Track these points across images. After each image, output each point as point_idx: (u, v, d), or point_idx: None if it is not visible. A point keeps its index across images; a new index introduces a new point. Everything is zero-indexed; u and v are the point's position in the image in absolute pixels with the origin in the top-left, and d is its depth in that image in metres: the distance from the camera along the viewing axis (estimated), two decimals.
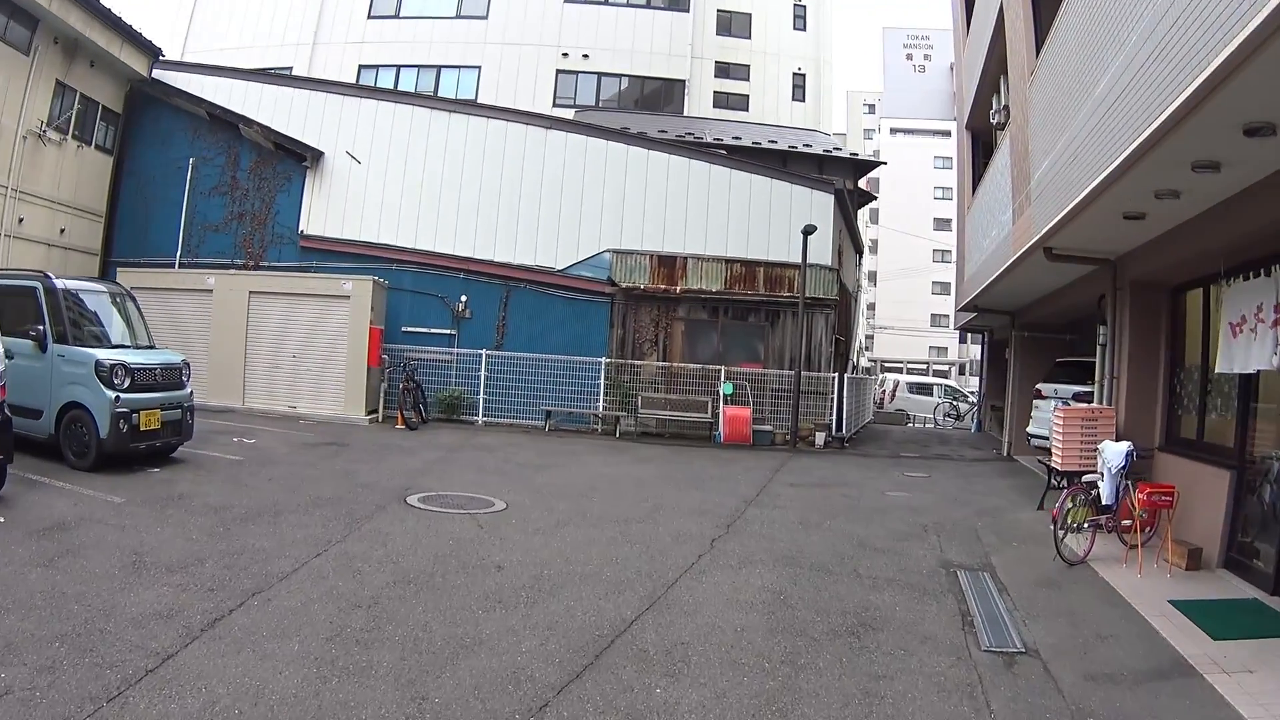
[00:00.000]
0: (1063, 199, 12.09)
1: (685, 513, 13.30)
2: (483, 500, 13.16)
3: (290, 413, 22.04)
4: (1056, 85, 13.05)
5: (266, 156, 25.64)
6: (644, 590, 8.99)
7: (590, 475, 16.46)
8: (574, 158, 25.55)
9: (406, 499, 12.82)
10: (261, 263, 25.02)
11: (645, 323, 24.70)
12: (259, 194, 25.57)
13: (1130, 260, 14.23)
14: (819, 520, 13.43)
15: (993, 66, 20.51)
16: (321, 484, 13.61)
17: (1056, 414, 14.29)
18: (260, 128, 25.23)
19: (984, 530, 13.49)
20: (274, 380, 22.78)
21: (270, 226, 25.41)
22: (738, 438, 22.90)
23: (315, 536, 10.29)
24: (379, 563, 9.39)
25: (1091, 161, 10.57)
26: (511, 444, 20.17)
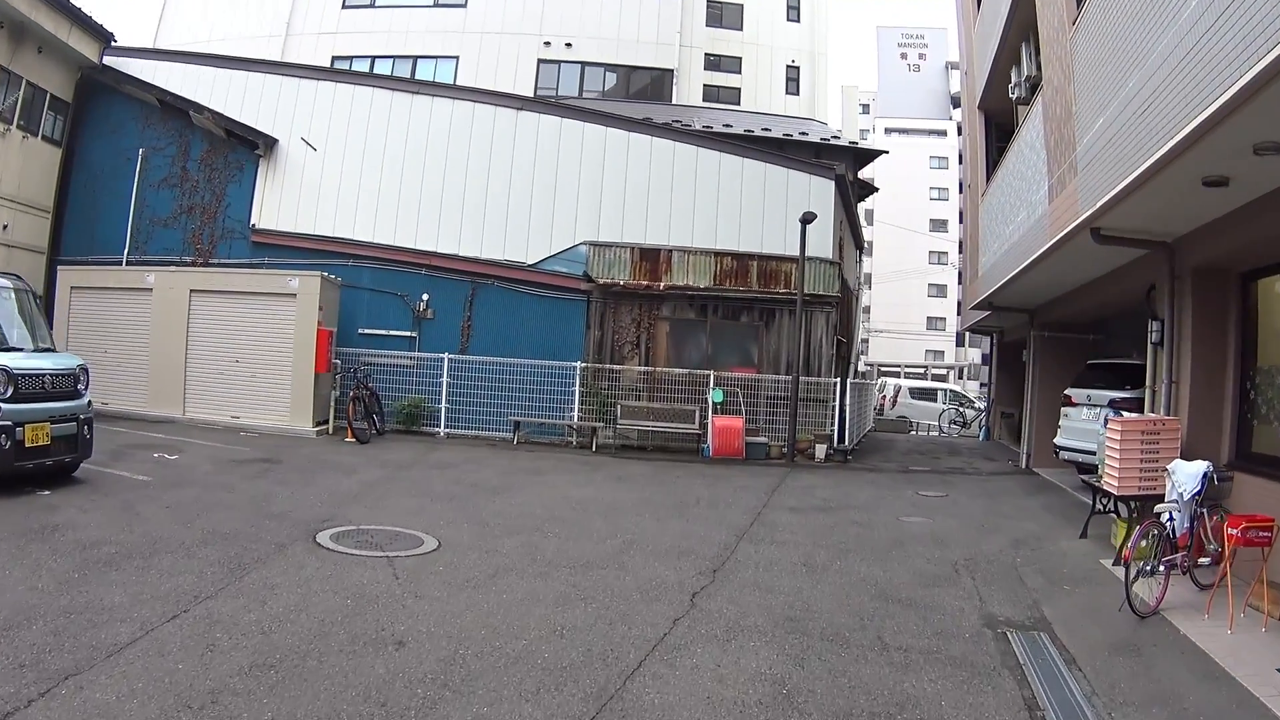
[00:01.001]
0: (1125, 164, 10.07)
1: (662, 552, 10.94)
2: (410, 538, 10.86)
3: (233, 424, 20.02)
4: (1114, 24, 10.86)
5: (218, 145, 23.69)
6: (591, 684, 6.58)
7: (553, 500, 14.14)
8: (547, 142, 23.52)
9: (318, 536, 10.57)
10: (211, 259, 23.06)
11: (625, 323, 22.58)
12: (209, 186, 23.65)
13: (1192, 242, 12.25)
14: (827, 559, 11.09)
15: (1012, 35, 18.62)
16: (226, 513, 11.48)
17: (1112, 428, 11.96)
18: (211, 114, 23.32)
19: (1026, 568, 11.27)
20: (216, 388, 20.69)
21: (220, 220, 23.46)
22: (729, 451, 20.68)
23: (183, 589, 8.17)
24: (245, 632, 7.19)
25: (1177, 106, 8.48)
26: (471, 460, 18.00)
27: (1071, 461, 18.21)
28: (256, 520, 11.16)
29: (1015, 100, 19.03)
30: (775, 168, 23.39)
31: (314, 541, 10.28)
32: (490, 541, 10.96)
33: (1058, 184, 13.71)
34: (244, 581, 8.57)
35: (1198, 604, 9.31)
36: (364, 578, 8.96)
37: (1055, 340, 22.30)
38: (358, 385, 20.41)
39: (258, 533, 10.49)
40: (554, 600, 8.63)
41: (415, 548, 10.36)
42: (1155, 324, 13.54)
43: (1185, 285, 12.65)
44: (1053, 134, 14.23)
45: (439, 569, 9.52)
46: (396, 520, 11.76)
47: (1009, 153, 18.71)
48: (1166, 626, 8.71)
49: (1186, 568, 9.71)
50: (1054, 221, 13.86)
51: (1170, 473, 10.22)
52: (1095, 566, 11.37)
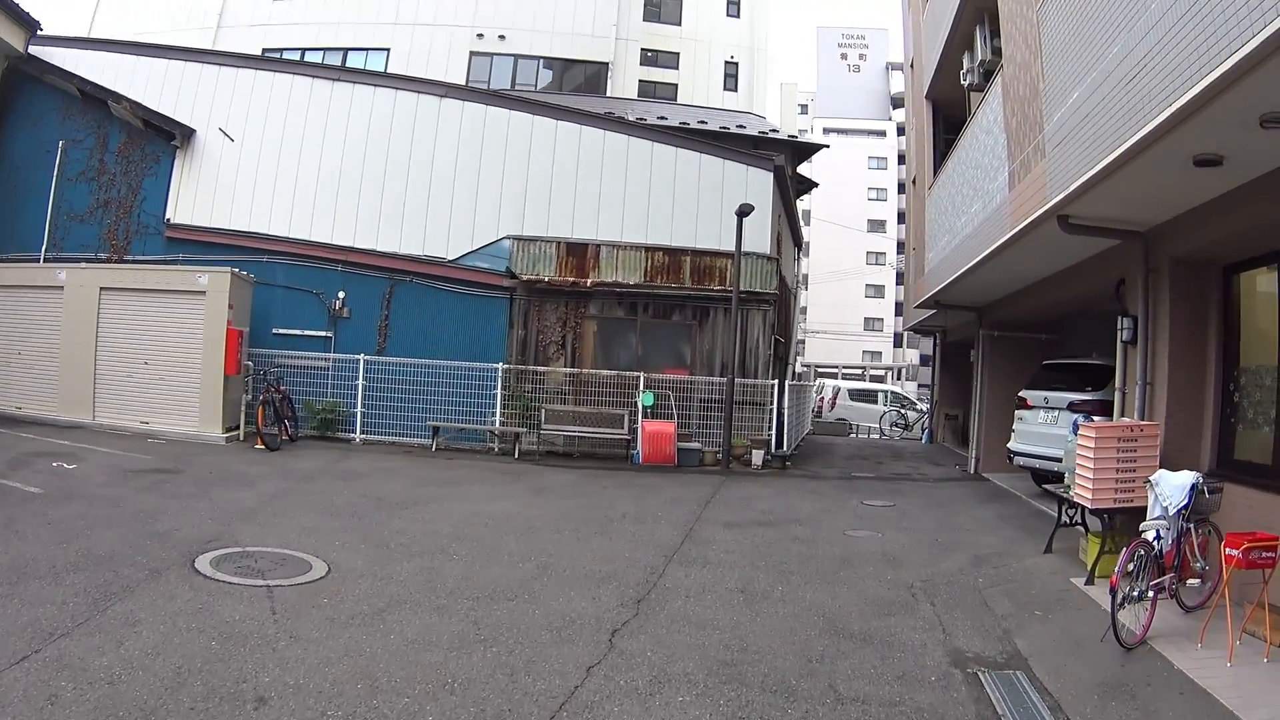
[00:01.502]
0: (1105, 141, 9.03)
1: (580, 578, 9.61)
2: (298, 562, 9.49)
3: (142, 430, 18.50)
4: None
5: (135, 136, 22.17)
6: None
7: (465, 516, 12.74)
8: (472, 131, 22.19)
9: (197, 560, 9.20)
10: (126, 256, 21.57)
11: (551, 322, 21.29)
12: (126, 179, 22.11)
13: (1171, 231, 11.20)
14: (767, 584, 9.79)
15: (966, 18, 17.63)
16: (108, 531, 10.21)
17: (1084, 434, 10.74)
18: (129, 104, 21.76)
19: (990, 590, 10.11)
20: (126, 391, 19.23)
21: (136, 215, 21.93)
22: (660, 458, 19.42)
23: (42, 622, 7.12)
24: (92, 681, 6.09)
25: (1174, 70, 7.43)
26: (383, 469, 16.60)
27: (1027, 468, 17.24)
28: (138, 540, 9.89)
29: (967, 87, 18.14)
30: (710, 158, 22.26)
31: (192, 567, 8.99)
32: (387, 566, 9.62)
33: (1020, 169, 12.59)
34: (106, 615, 7.41)
35: (1188, 631, 8.31)
36: (237, 612, 7.69)
37: (1006, 340, 21.30)
38: (268, 388, 19.07)
39: (134, 555, 9.25)
40: (450, 642, 7.30)
41: (301, 574, 9.05)
42: (1127, 321, 12.42)
43: (1162, 278, 11.58)
44: (1014, 115, 13.13)
45: (323, 601, 8.21)
46: (288, 541, 10.44)
47: (961, 141, 17.68)
48: (1158, 660, 7.64)
49: (1173, 590, 8.70)
50: (1016, 210, 12.75)
51: (1153, 484, 9.16)
52: (1066, 587, 10.26)
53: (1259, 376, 10.17)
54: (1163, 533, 8.63)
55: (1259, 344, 10.33)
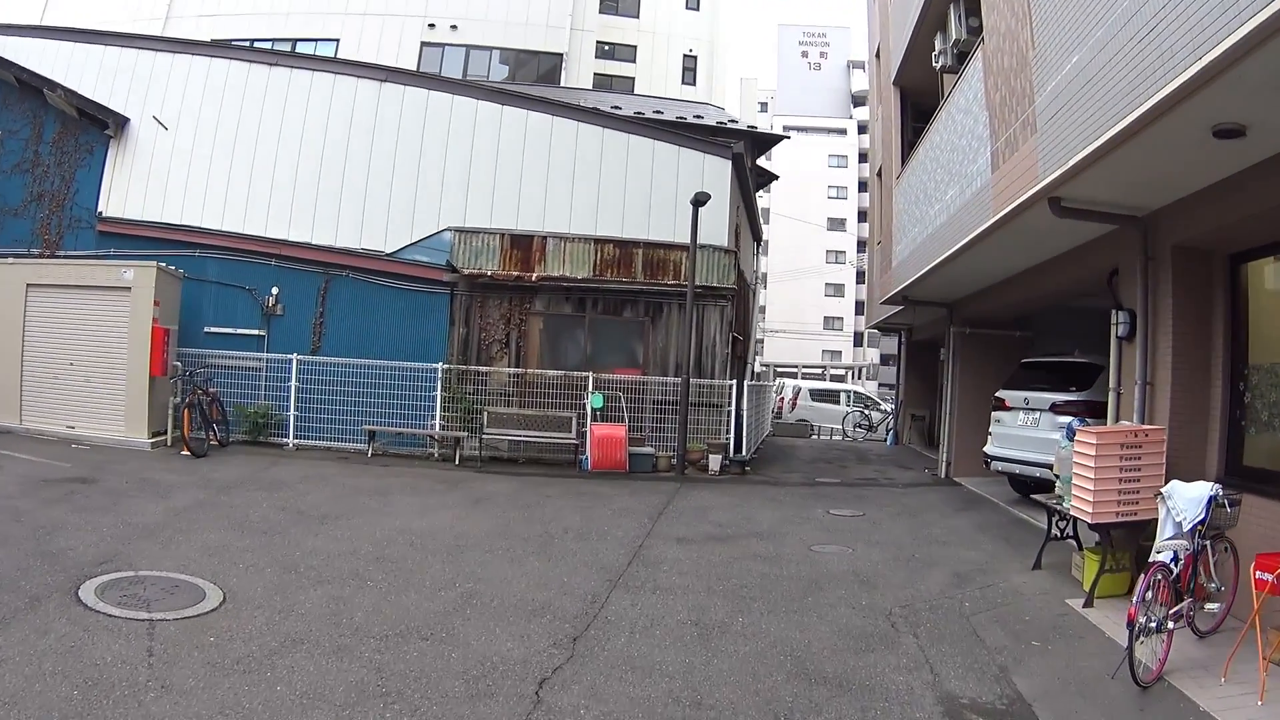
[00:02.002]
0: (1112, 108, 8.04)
1: (509, 610, 8.33)
2: (191, 590, 8.25)
3: (68, 435, 17.34)
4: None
5: (70, 126, 20.93)
6: None
7: (390, 532, 11.43)
8: (413, 117, 21.05)
9: (82, 587, 8.00)
10: (58, 252, 20.34)
11: (494, 319, 20.10)
12: (59, 170, 20.88)
13: (1173, 216, 10.26)
14: (726, 614, 8.54)
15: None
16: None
17: (1083, 440, 9.59)
18: (64, 92, 20.54)
19: (979, 616, 8.95)
20: (52, 394, 18.05)
21: (68, 208, 20.71)
22: (610, 463, 18.23)
23: None
24: None
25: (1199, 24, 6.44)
26: (312, 478, 15.30)
27: (1005, 473, 16.24)
28: (26, 561, 8.80)
29: (940, 69, 17.20)
30: (665, 145, 21.17)
31: (75, 595, 7.84)
32: (290, 595, 8.35)
33: (1005, 147, 11.49)
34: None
35: (1206, 662, 7.40)
36: (110, 653, 6.53)
37: (978, 337, 20.29)
38: (195, 390, 17.78)
39: (19, 580, 8.16)
40: (344, 697, 6.05)
41: (191, 605, 7.80)
42: (1122, 314, 11.39)
43: (1163, 268, 10.55)
44: (999, 89, 12.01)
45: (209, 640, 6.98)
46: (188, 563, 9.20)
47: (934, 124, 16.62)
48: (1180, 700, 6.70)
49: (1191, 617, 7.77)
50: (1000, 193, 11.67)
51: (1165, 497, 8.05)
52: (1062, 610, 9.19)
53: (1273, 375, 9.24)
54: (1179, 553, 7.62)
55: (1271, 339, 9.43)
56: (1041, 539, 11.21)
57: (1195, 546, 7.70)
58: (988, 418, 16.76)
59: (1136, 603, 6.91)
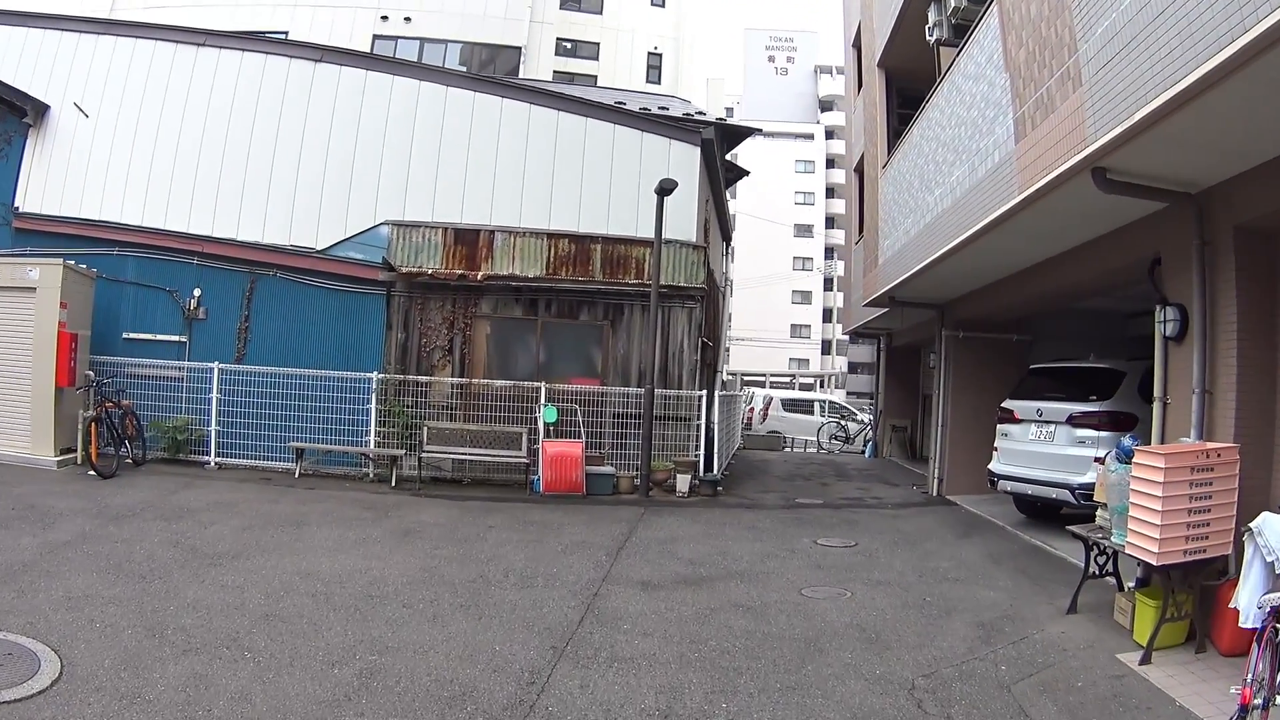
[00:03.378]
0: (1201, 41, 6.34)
1: (418, 698, 6.35)
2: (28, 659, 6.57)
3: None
4: None
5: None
6: None
7: (290, 577, 9.47)
8: (348, 100, 19.33)
9: None
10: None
11: (436, 322, 18.33)
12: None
13: (1233, 191, 8.75)
14: (704, 698, 6.61)
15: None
16: None
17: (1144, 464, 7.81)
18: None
19: (1020, 684, 7.22)
20: None
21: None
22: (565, 485, 16.41)
23: None
24: None
25: None
26: (223, 504, 13.42)
27: (1015, 494, 14.57)
28: None
29: (935, 42, 15.80)
30: (626, 130, 19.50)
31: None
32: (142, 671, 6.51)
33: (1036, 111, 9.67)
34: None
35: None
36: None
37: (973, 341, 18.68)
38: (103, 403, 16.15)
39: None
40: None
41: (17, 685, 6.16)
42: (1170, 310, 9.65)
43: (1224, 252, 8.90)
44: (1022, 45, 10.20)
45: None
46: (37, 619, 7.49)
47: (933, 101, 14.96)
48: None
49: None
50: (1027, 166, 9.88)
51: (1256, 533, 6.56)
52: (1116, 670, 7.53)
53: None
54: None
55: None
56: (1066, 571, 10.54)
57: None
58: (982, 429, 15.70)
59: (1250, 681, 5.48)
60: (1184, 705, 6.57)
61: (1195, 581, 7.82)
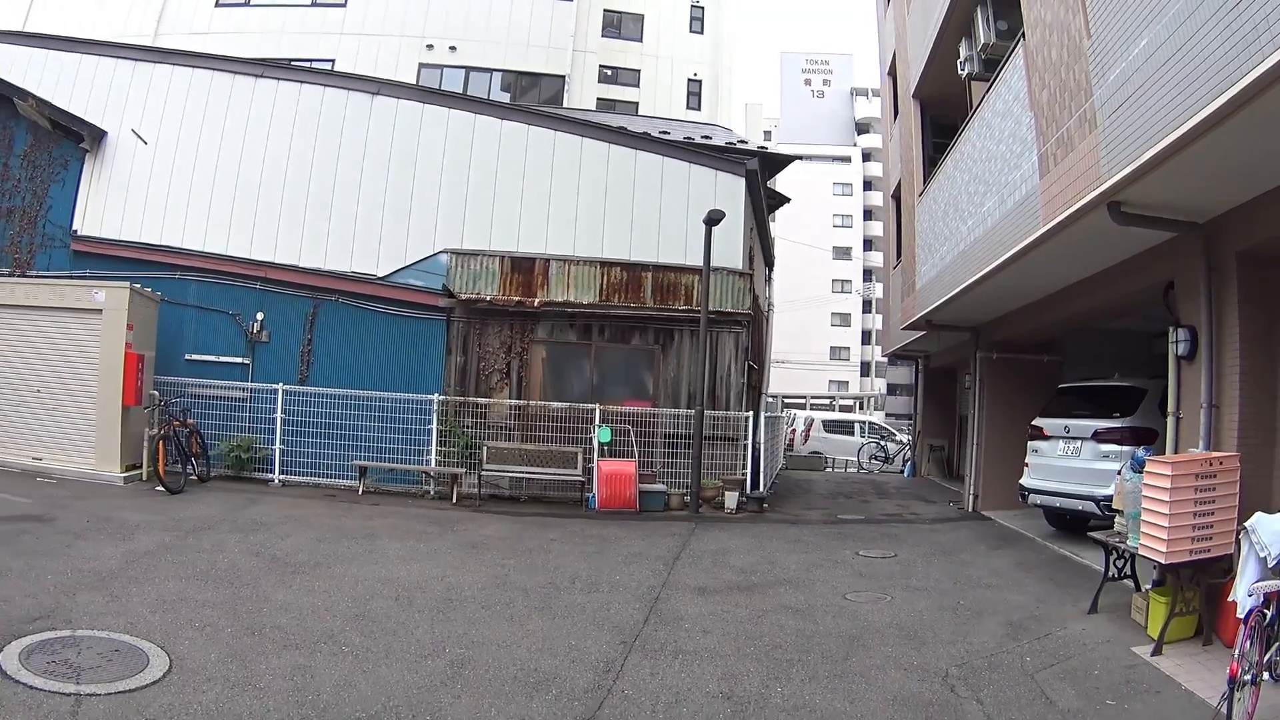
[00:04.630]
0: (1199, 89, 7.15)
1: (506, 684, 7.17)
2: (133, 655, 7.11)
3: (34, 467, 16.23)
4: None
5: (43, 138, 19.92)
6: None
7: (372, 584, 10.29)
8: (406, 131, 20.09)
9: (7, 649, 6.88)
10: (29, 271, 19.28)
11: (494, 346, 19.07)
12: (31, 185, 19.85)
13: (1237, 221, 9.53)
14: (762, 684, 7.42)
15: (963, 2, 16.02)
16: None
17: (1155, 472, 8.66)
18: (36, 101, 19.51)
19: (1043, 673, 8.03)
20: (17, 423, 16.98)
21: (41, 226, 19.67)
22: (619, 502, 17.16)
23: None
24: None
25: None
26: (293, 518, 14.16)
27: (1045, 507, 15.26)
28: None
29: (966, 77, 16.52)
30: (675, 162, 20.17)
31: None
32: (249, 664, 7.21)
33: (1058, 149, 10.48)
34: None
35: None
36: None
37: (1006, 362, 19.36)
38: (171, 421, 16.80)
39: None
40: None
41: (130, 675, 6.67)
42: (1182, 331, 10.49)
43: (1228, 278, 9.73)
44: (1045, 87, 11.04)
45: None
46: (135, 620, 8.05)
47: (965, 134, 15.66)
48: None
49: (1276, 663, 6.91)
50: (1051, 200, 10.69)
51: (1250, 531, 7.30)
52: (1131, 661, 8.33)
53: None
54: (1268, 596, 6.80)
55: None
56: (1089, 577, 10.92)
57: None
58: (1015, 447, 16.11)
59: (1238, 656, 6.35)
60: (1188, 688, 7.30)
61: (1202, 579, 8.54)
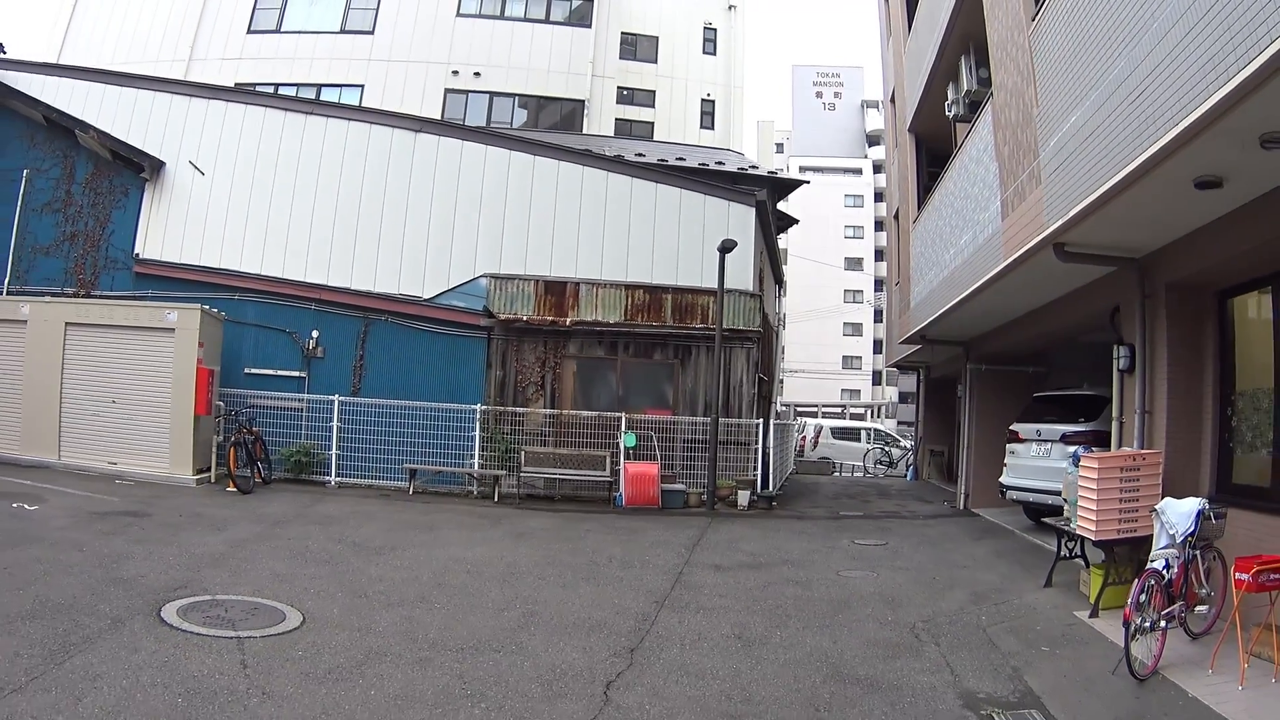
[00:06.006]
0: (1107, 163, 8.90)
1: (569, 627, 9.18)
2: (271, 611, 8.99)
3: (110, 470, 17.85)
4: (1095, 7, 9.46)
5: (104, 168, 21.58)
6: None
7: (444, 562, 12.25)
8: (447, 166, 21.85)
9: (164, 609, 8.68)
10: (93, 291, 20.94)
11: (529, 362, 20.87)
12: (93, 211, 21.50)
13: (1165, 257, 11.15)
14: (764, 630, 9.39)
15: (950, 49, 17.43)
16: (68, 578, 9.64)
17: (1086, 465, 10.52)
18: (97, 134, 21.18)
19: (994, 628, 9.85)
20: (93, 431, 18.60)
21: (104, 249, 21.33)
22: (643, 500, 18.96)
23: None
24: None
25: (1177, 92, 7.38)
26: (359, 513, 16.04)
27: (1020, 502, 17.02)
28: (100, 587, 9.37)
29: (953, 118, 17.99)
30: (691, 194, 21.96)
31: (157, 616, 8.48)
32: (364, 616, 9.16)
33: (1014, 197, 12.36)
34: (64, 668, 6.92)
35: (1197, 658, 8.37)
36: (205, 666, 7.21)
37: (994, 373, 21.08)
38: (240, 429, 18.53)
39: (96, 603, 8.71)
40: (434, 698, 6.86)
41: (274, 625, 8.55)
42: (1123, 349, 12.29)
43: (1158, 305, 11.43)
44: (1007, 143, 12.90)
45: (298, 654, 7.74)
46: (260, 588, 9.93)
47: (948, 173, 17.45)
48: (1171, 689, 7.66)
49: (1183, 618, 8.71)
50: (1009, 240, 12.53)
51: (1159, 513, 9.02)
52: (1071, 621, 10.09)
53: (1256, 400, 10.13)
54: (1171, 561, 8.55)
55: (1255, 368, 10.30)
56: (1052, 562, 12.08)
57: (1186, 556, 8.56)
58: (1001, 450, 17.43)
59: (1130, 604, 7.81)
60: (1112, 640, 8.84)
61: (1135, 557, 10.34)
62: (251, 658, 7.52)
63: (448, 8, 38.42)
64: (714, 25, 45.26)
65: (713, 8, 45.32)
